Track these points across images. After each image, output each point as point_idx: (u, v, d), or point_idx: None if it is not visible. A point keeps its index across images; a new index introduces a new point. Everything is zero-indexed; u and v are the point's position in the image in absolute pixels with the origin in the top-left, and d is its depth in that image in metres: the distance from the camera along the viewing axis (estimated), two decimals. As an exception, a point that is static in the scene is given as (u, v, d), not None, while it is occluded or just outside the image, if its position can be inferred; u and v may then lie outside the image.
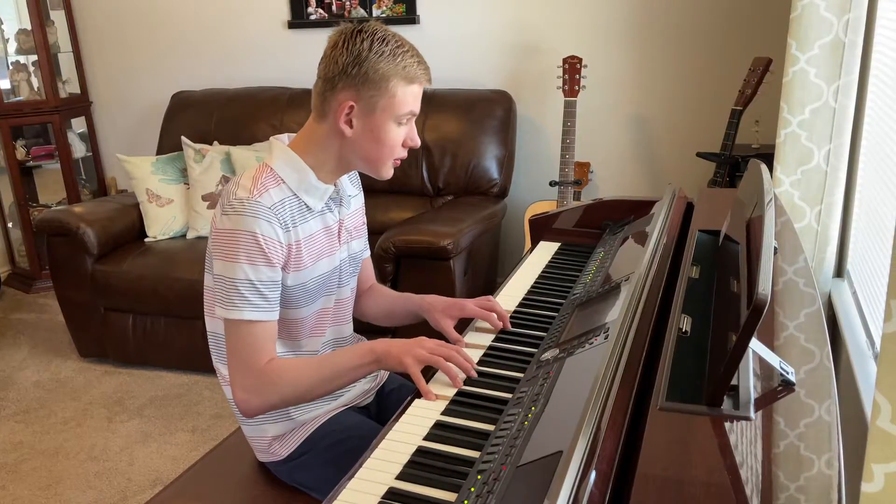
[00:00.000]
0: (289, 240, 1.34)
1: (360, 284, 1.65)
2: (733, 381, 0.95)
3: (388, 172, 1.40)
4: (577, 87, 2.94)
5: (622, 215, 1.92)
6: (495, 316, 1.48)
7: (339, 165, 1.39)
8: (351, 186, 1.53)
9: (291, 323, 1.43)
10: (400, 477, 1.04)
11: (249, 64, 3.75)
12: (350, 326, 1.59)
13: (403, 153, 1.39)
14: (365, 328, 1.68)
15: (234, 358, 1.33)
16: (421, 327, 1.53)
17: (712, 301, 1.25)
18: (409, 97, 1.32)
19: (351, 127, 1.33)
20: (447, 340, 1.44)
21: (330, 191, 1.41)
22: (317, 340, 1.48)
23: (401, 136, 1.36)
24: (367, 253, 1.64)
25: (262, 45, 3.70)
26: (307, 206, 1.38)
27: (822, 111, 2.03)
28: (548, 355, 1.27)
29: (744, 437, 0.88)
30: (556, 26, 3.25)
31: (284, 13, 3.62)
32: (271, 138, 1.42)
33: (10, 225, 4.12)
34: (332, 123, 1.34)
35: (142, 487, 2.36)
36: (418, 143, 1.39)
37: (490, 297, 1.55)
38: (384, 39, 1.30)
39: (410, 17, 3.42)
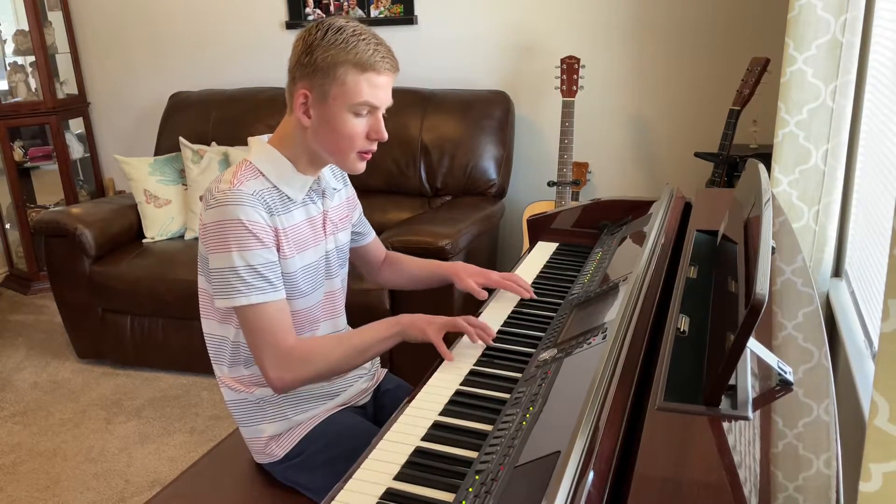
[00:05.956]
0: (274, 224, 1.34)
1: (373, 261, 1.73)
2: (731, 381, 0.95)
3: (354, 166, 1.38)
4: (574, 88, 2.94)
5: (620, 215, 1.92)
6: (516, 285, 1.58)
7: (311, 158, 1.39)
8: (334, 180, 1.53)
9: None
10: (398, 478, 1.04)
11: (247, 64, 3.75)
12: (343, 319, 1.59)
13: (369, 146, 1.36)
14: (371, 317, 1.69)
15: (256, 341, 1.33)
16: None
17: (710, 301, 1.25)
18: (362, 86, 1.29)
19: (309, 117, 1.33)
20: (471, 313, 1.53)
21: (310, 182, 1.41)
22: (311, 336, 1.48)
23: (360, 128, 1.33)
24: (372, 236, 1.70)
25: (259, 46, 3.70)
26: (288, 198, 1.38)
27: (819, 111, 2.03)
28: (546, 355, 1.27)
29: (742, 437, 0.88)
30: (554, 27, 3.25)
31: (282, 14, 3.62)
32: (249, 138, 1.43)
33: (7, 226, 4.12)
34: (295, 116, 1.34)
35: (140, 489, 2.36)
36: (384, 136, 1.35)
37: (514, 273, 1.66)
38: (340, 29, 1.29)
39: (408, 18, 3.42)
